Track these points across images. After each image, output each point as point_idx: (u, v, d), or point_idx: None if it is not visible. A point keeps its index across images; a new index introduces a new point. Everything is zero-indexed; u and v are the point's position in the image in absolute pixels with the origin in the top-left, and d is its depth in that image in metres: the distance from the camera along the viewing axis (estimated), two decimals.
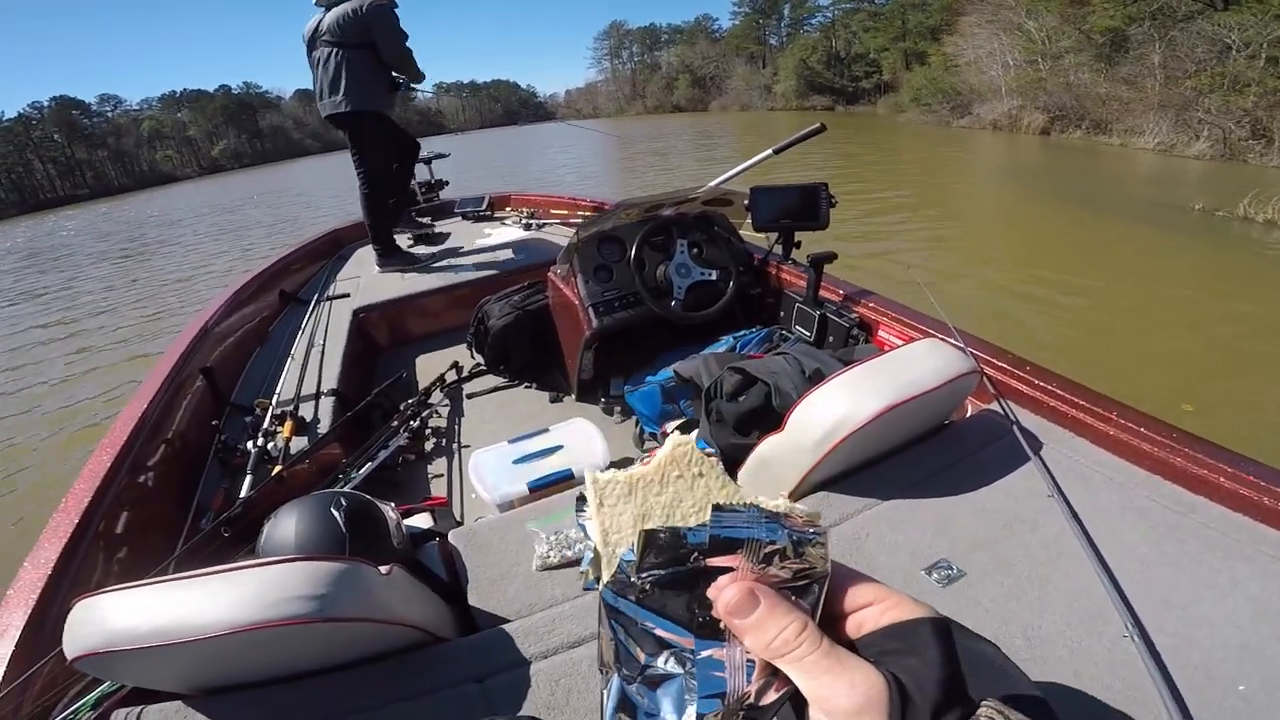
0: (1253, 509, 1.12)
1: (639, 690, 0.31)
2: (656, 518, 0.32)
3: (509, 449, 1.87)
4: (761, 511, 0.31)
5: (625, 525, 0.33)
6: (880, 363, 1.24)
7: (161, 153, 58.88)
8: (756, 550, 0.31)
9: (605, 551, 0.32)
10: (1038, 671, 0.88)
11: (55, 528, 1.30)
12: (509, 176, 16.55)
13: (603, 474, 0.34)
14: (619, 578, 0.32)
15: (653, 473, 0.33)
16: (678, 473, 0.33)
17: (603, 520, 0.33)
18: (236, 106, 64.20)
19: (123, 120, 58.41)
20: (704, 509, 0.32)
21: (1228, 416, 3.33)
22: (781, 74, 43.38)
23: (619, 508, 0.33)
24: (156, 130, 59.15)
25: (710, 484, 0.33)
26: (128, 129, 57.67)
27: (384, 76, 3.18)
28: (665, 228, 2.18)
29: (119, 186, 51.30)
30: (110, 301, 9.10)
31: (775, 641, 0.29)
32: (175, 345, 2.18)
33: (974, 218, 8.68)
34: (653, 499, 0.33)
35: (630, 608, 0.31)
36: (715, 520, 0.31)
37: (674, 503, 0.33)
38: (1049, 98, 17.47)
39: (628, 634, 0.31)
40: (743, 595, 0.30)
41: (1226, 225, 7.01)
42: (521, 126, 46.21)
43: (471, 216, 4.41)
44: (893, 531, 1.19)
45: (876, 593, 0.32)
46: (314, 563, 0.89)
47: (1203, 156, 12.09)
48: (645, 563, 0.31)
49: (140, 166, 56.75)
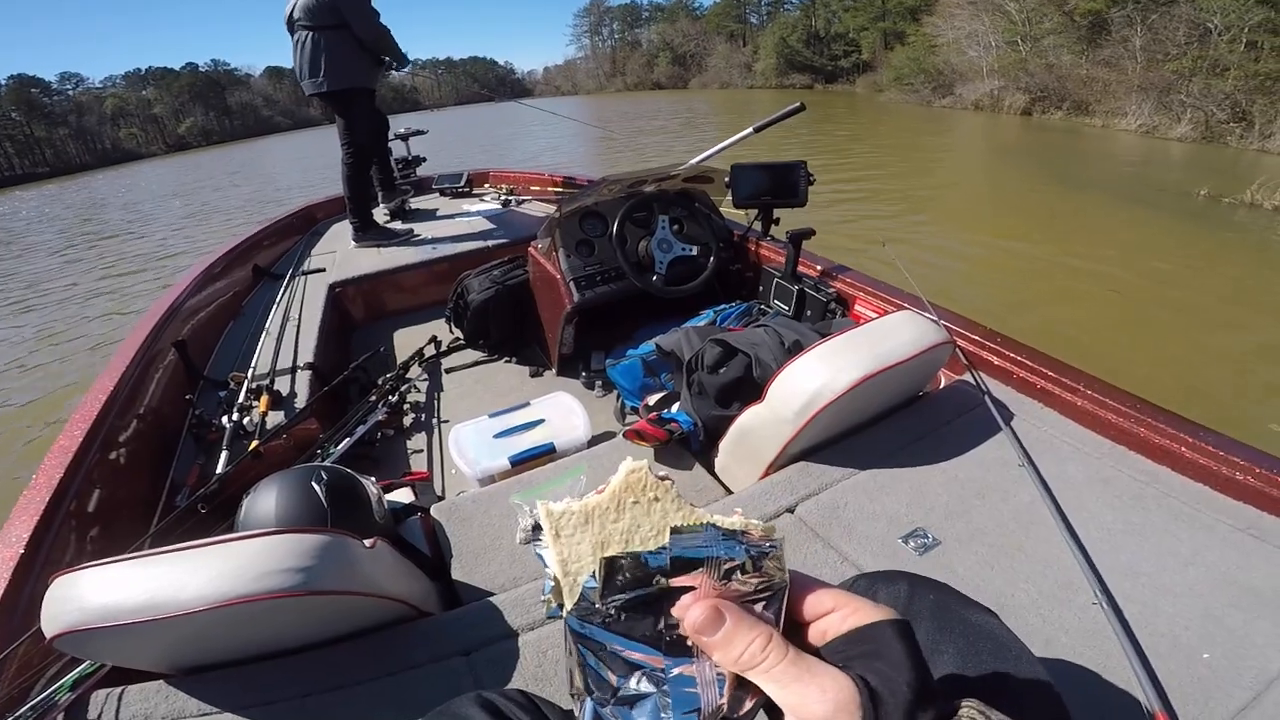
0: (1211, 478, 1.16)
1: (613, 712, 0.31)
2: (615, 544, 0.33)
3: (489, 423, 1.86)
4: (719, 530, 0.32)
5: (584, 554, 0.33)
6: (857, 334, 1.26)
7: (125, 130, 57.02)
8: (717, 567, 0.31)
9: (566, 581, 0.33)
10: None
11: (25, 506, 1.27)
12: (491, 151, 16.17)
13: (555, 505, 0.33)
14: (583, 605, 0.32)
15: (607, 500, 0.33)
16: (633, 499, 0.33)
17: (560, 550, 0.33)
18: (204, 84, 62.23)
19: (84, 98, 56.31)
20: (662, 532, 0.33)
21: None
22: (762, 52, 43.10)
23: (576, 536, 0.33)
24: (120, 108, 57.09)
25: (666, 507, 0.33)
26: (90, 106, 55.61)
27: (363, 53, 3.14)
28: (647, 204, 2.17)
29: (80, 164, 49.56)
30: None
31: (743, 655, 0.30)
32: (146, 320, 2.13)
33: (960, 196, 8.69)
34: (610, 526, 0.33)
35: (598, 633, 0.32)
36: (674, 542, 0.32)
37: (632, 529, 0.33)
38: (1030, 79, 17.52)
39: (598, 658, 0.32)
40: (708, 613, 0.30)
41: (1233, 212, 6.93)
42: (499, 103, 45.50)
43: (450, 193, 4.34)
44: (870, 501, 1.21)
45: (837, 599, 0.33)
46: (297, 535, 0.88)
47: (1185, 139, 12.20)
48: (608, 588, 0.31)
49: (103, 144, 54.91)
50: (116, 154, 53.28)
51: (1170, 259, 5.43)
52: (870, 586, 0.61)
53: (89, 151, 53.48)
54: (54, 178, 40.78)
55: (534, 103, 9.76)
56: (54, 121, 53.02)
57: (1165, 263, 5.33)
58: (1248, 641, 0.88)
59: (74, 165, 49.26)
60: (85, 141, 54.50)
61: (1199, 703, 0.82)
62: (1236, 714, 0.80)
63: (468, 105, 49.17)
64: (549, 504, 0.33)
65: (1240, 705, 0.81)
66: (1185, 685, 0.84)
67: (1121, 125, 13.98)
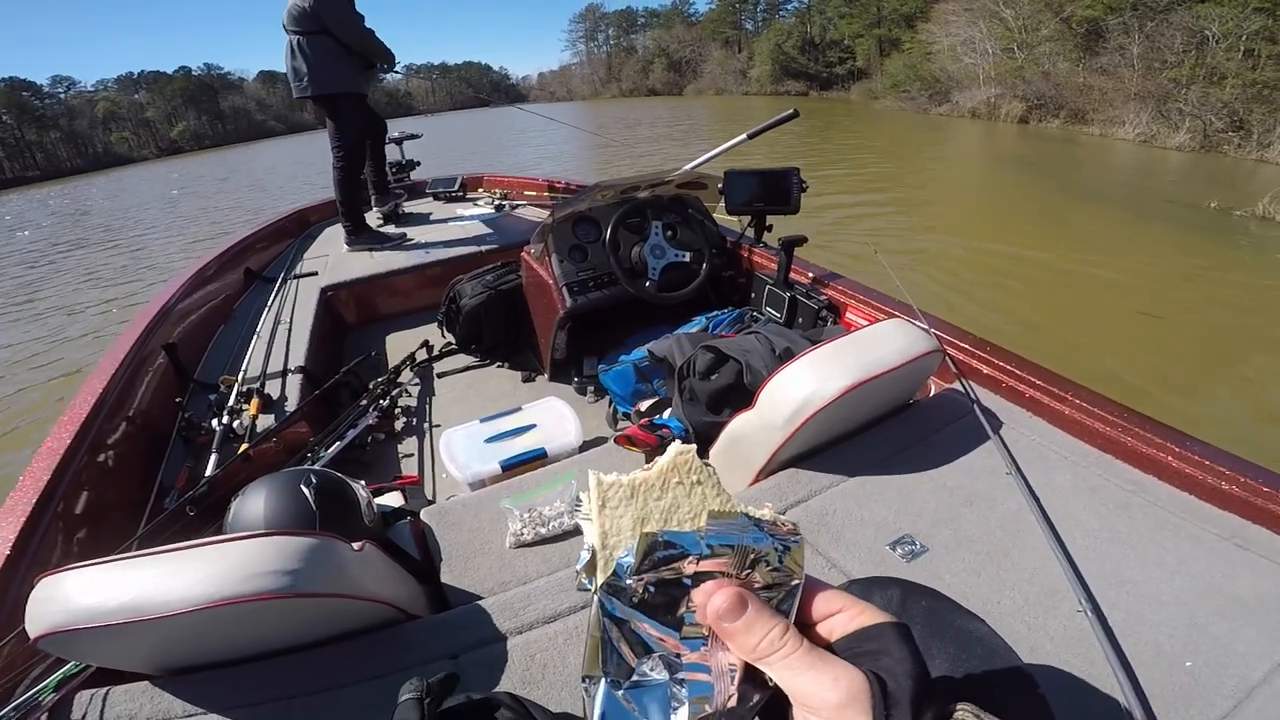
0: (1197, 488, 1.17)
1: (625, 695, 0.32)
2: (654, 521, 0.33)
3: (481, 428, 1.86)
4: (750, 520, 0.33)
5: (624, 528, 0.33)
6: (847, 342, 1.27)
7: (117, 134, 56.63)
8: (743, 557, 0.32)
9: (603, 555, 0.33)
10: None
11: (12, 506, 1.26)
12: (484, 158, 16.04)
13: (606, 476, 0.34)
14: (613, 581, 0.33)
15: (654, 478, 0.34)
16: (678, 479, 0.34)
17: (603, 523, 0.33)
18: (196, 88, 61.89)
19: (76, 101, 55.92)
20: (699, 515, 0.33)
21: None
22: (757, 59, 43.25)
23: (620, 510, 0.33)
24: (112, 111, 56.72)
25: (706, 492, 0.34)
26: (81, 110, 55.22)
27: (348, 58, 3.14)
28: (640, 209, 2.18)
29: (72, 168, 49.23)
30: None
31: (761, 644, 0.31)
32: (136, 322, 2.12)
33: (957, 205, 8.67)
34: (653, 503, 0.34)
35: (624, 610, 0.33)
36: (710, 526, 0.33)
37: (672, 508, 0.34)
38: (1027, 86, 17.58)
39: (620, 635, 0.33)
40: (731, 600, 0.31)
41: (1245, 225, 6.85)
42: (494, 109, 45.46)
43: (444, 197, 4.34)
44: (859, 507, 1.22)
45: (844, 601, 0.34)
46: (285, 537, 0.88)
47: (1183, 148, 12.23)
48: (643, 565, 0.32)
49: (94, 148, 54.50)
50: (108, 158, 52.92)
51: (1204, 281, 5.25)
52: (864, 592, 0.61)
53: (80, 155, 53.07)
54: (45, 181, 40.50)
55: (531, 108, 9.75)
56: (45, 125, 52.68)
57: (1194, 284, 5.18)
58: (1231, 650, 0.89)
59: (65, 169, 48.90)
60: (77, 145, 54.09)
61: (1180, 711, 0.82)
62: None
63: (462, 110, 49.07)
64: (601, 475, 0.34)
65: (1222, 714, 0.82)
66: (1167, 693, 0.84)
67: (1119, 134, 14.00)
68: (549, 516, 1.33)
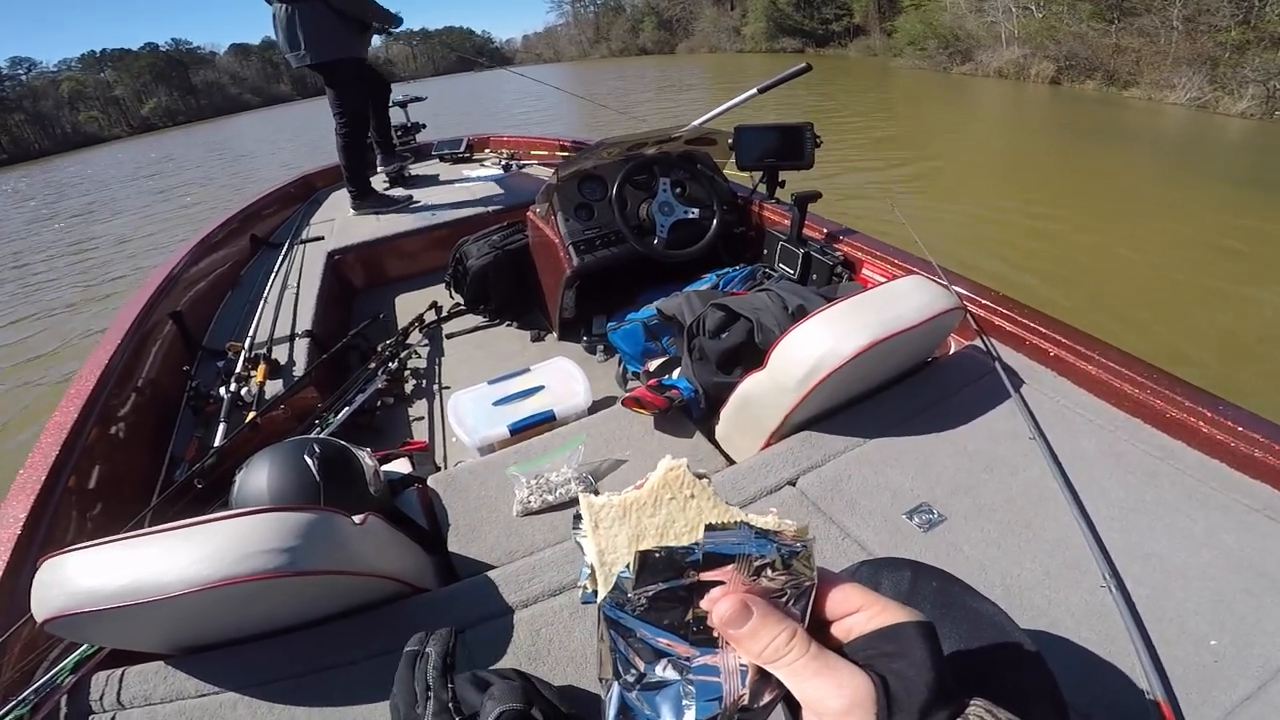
0: (1229, 455, 1.11)
1: (639, 697, 0.33)
2: (650, 538, 0.33)
3: (489, 390, 1.84)
4: (752, 529, 0.33)
5: (620, 545, 0.34)
6: (864, 299, 1.22)
7: (85, 114, 55.43)
8: (748, 564, 0.33)
9: (602, 570, 0.34)
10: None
11: (23, 485, 1.25)
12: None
13: (596, 498, 0.35)
14: (616, 593, 0.33)
15: (645, 496, 0.34)
16: (670, 495, 0.34)
17: (598, 541, 0.34)
18: (165, 64, 60.19)
19: (39, 83, 54.74)
20: (695, 529, 0.33)
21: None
22: (750, 16, 41.38)
23: (614, 529, 0.34)
24: (78, 91, 55.36)
25: (702, 505, 0.34)
26: (45, 91, 54.05)
27: (344, 22, 3.03)
28: (647, 166, 2.11)
29: (40, 150, 48.49)
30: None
31: (767, 649, 0.31)
32: (141, 291, 2.11)
33: (991, 167, 8.13)
34: (646, 520, 0.34)
35: (629, 620, 0.33)
36: (708, 539, 0.33)
37: (667, 524, 0.34)
38: (1058, 47, 16.58)
39: (627, 644, 0.34)
40: (736, 607, 0.32)
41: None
42: (480, 72, 44.20)
43: (450, 159, 4.27)
44: (875, 473, 1.18)
45: (864, 598, 0.34)
46: (282, 514, 0.86)
47: (1246, 115, 11.25)
48: (641, 580, 0.33)
49: (62, 128, 53.46)
50: (78, 138, 52.00)
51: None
52: (874, 574, 0.61)
53: (48, 136, 52.12)
54: (12, 164, 40.03)
55: (523, 70, 9.41)
56: (7, 108, 51.63)
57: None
58: (1258, 629, 0.86)
59: (33, 151, 48.17)
60: (43, 126, 53.12)
61: (1202, 691, 0.79)
62: (1239, 704, 0.78)
63: (447, 75, 47.49)
64: (591, 497, 0.35)
65: (1244, 695, 0.79)
66: (1190, 672, 0.81)
67: (1170, 99, 12.89)
68: (556, 484, 1.31)
